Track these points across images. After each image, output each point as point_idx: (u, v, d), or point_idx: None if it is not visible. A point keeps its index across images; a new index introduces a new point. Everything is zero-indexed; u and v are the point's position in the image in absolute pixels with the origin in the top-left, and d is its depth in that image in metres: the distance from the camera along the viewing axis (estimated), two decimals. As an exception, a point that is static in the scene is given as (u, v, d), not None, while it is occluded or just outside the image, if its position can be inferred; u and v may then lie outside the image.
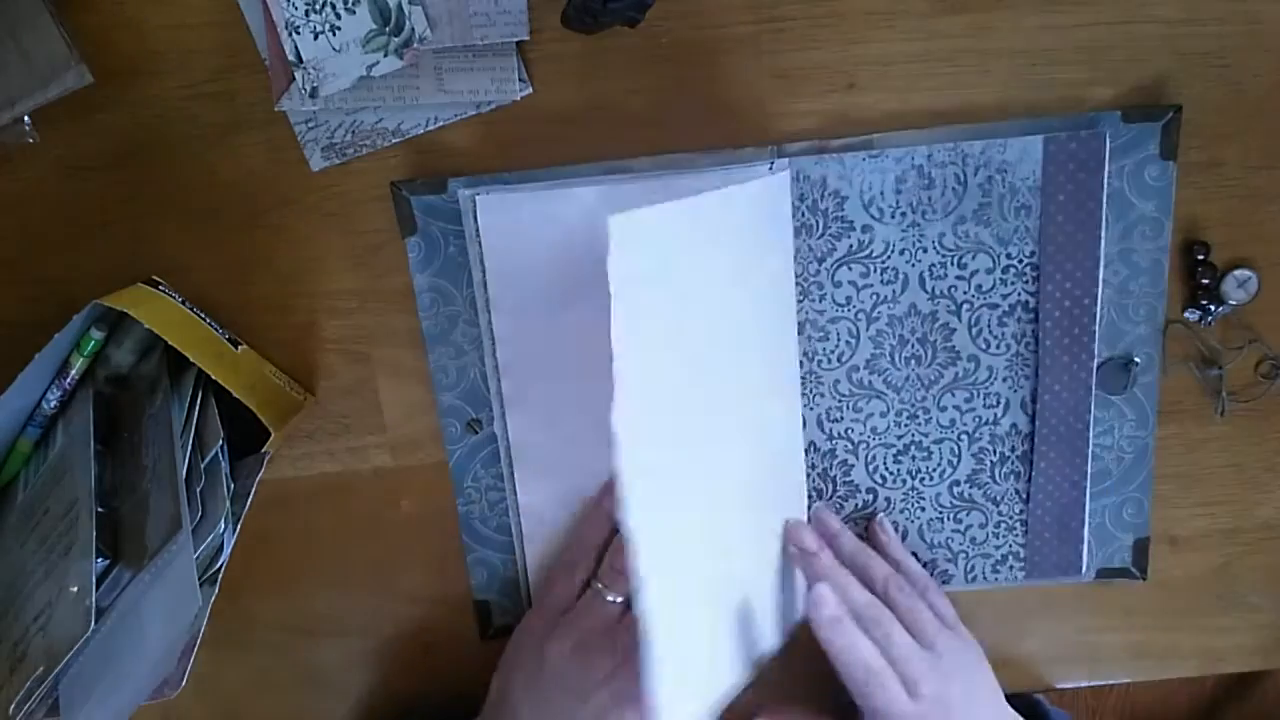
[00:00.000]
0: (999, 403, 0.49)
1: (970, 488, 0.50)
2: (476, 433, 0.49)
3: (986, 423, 0.49)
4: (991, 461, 0.50)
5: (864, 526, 0.51)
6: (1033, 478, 0.49)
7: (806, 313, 0.47)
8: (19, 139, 0.44)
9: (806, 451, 0.49)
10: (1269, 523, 0.52)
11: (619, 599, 0.46)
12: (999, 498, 0.50)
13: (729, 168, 0.45)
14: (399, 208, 0.46)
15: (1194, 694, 1.32)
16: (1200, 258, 0.47)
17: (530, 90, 0.45)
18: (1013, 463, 0.50)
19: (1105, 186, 0.45)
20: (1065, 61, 0.45)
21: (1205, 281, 0.48)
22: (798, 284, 0.47)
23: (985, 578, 0.51)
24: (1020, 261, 0.46)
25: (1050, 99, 0.46)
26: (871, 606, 0.44)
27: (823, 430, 0.49)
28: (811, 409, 0.49)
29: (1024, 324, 0.47)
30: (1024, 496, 0.50)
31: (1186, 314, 0.48)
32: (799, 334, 0.47)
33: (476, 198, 0.45)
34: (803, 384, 0.48)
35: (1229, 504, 0.51)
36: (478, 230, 0.45)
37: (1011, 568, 0.51)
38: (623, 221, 0.33)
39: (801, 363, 0.48)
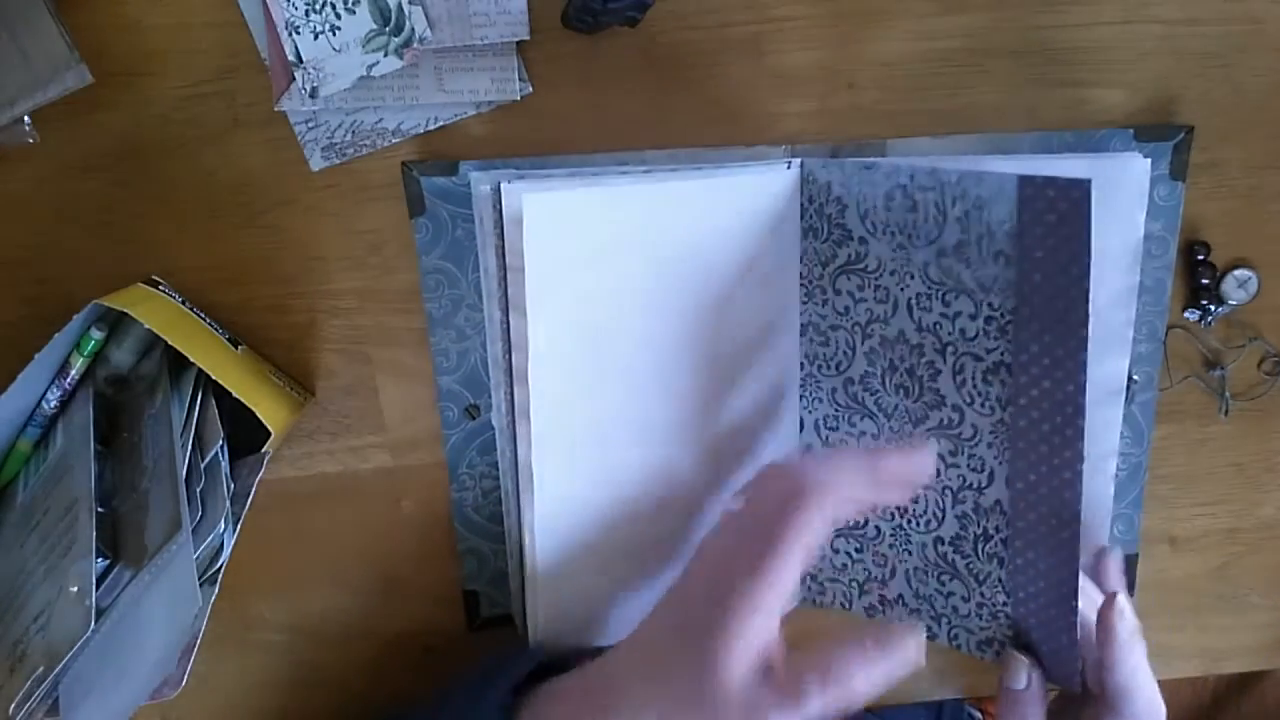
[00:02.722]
0: (983, 469, 0.42)
1: (953, 552, 0.45)
2: (474, 419, 0.49)
3: (970, 486, 0.43)
4: (975, 534, 0.44)
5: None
6: (1012, 574, 0.43)
7: (810, 315, 0.47)
8: (19, 139, 0.44)
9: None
10: (1269, 522, 0.52)
11: None
12: (981, 577, 0.44)
13: (749, 164, 0.45)
14: (409, 188, 0.46)
15: (1194, 694, 1.32)
16: (1200, 258, 0.47)
17: (530, 90, 0.45)
18: (995, 545, 0.43)
19: (1089, 250, 0.35)
20: (1065, 62, 0.45)
21: (1205, 281, 0.48)
22: (803, 285, 0.47)
23: (970, 649, 0.46)
24: (1002, 315, 0.40)
25: (1050, 99, 0.46)
26: None
27: (819, 436, 0.49)
28: (810, 412, 0.49)
29: (1008, 389, 0.40)
30: (1006, 590, 0.44)
31: (1186, 314, 0.48)
32: (802, 335, 0.47)
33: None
34: (803, 385, 0.48)
35: (1229, 504, 0.51)
36: (499, 220, 0.41)
37: (998, 653, 0.45)
38: (534, 201, 0.39)
39: (803, 364, 0.48)
